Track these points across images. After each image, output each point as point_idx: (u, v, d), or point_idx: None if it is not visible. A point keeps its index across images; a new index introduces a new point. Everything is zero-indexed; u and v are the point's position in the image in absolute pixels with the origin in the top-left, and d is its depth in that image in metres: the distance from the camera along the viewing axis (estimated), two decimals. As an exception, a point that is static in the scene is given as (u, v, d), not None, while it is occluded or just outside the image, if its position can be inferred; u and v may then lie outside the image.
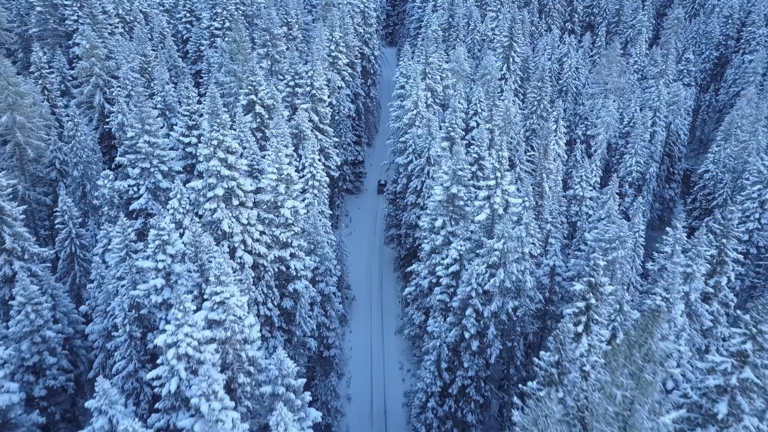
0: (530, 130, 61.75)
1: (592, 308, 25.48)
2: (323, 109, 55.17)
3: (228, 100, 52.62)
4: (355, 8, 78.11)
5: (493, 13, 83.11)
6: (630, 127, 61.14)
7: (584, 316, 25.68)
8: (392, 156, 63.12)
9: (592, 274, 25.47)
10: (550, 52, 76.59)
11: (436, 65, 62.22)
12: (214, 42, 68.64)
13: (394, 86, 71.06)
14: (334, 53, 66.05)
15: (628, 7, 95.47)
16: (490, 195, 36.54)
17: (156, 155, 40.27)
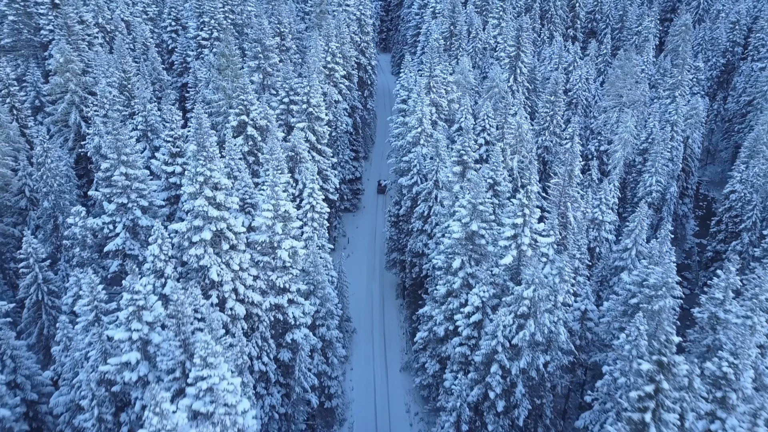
0: (542, 147, 57.02)
1: (663, 392, 20.65)
2: (321, 128, 50.11)
3: (216, 119, 47.40)
4: (351, 15, 73.06)
5: (495, 20, 78.30)
6: (648, 144, 56.59)
7: (652, 401, 20.85)
8: (394, 176, 58.16)
9: (663, 351, 20.64)
10: (557, 61, 71.98)
11: (440, 78, 57.32)
12: (201, 53, 63.30)
13: (394, 98, 66.16)
14: (330, 65, 60.97)
15: (632, 12, 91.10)
16: (516, 234, 31.70)
17: (135, 188, 34.97)
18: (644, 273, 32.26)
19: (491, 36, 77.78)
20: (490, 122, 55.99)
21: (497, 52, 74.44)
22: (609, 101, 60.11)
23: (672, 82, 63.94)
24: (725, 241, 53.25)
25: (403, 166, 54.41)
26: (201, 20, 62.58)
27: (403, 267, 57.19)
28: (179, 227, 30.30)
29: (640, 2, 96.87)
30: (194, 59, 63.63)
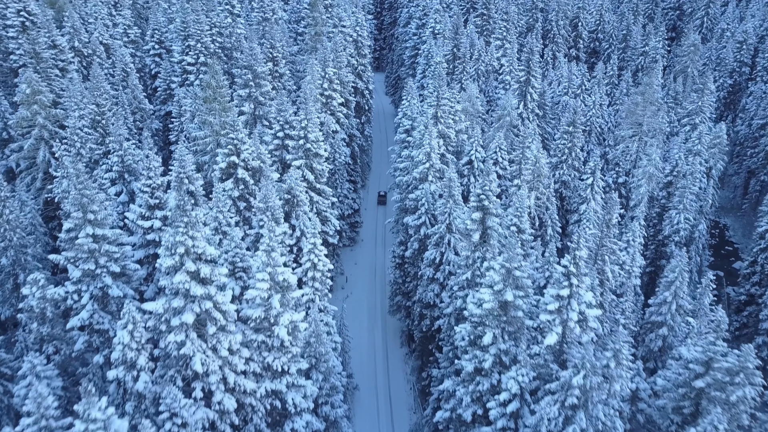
0: (560, 182, 51.77)
1: None
2: (320, 166, 44.46)
3: (202, 159, 41.61)
4: (347, 37, 67.66)
5: (499, 41, 73.42)
6: (673, 177, 51.55)
7: None
8: (399, 213, 52.58)
9: None
10: (566, 85, 67.09)
11: (447, 107, 51.97)
12: (186, 79, 57.48)
13: (392, 121, 60.70)
14: (327, 92, 55.43)
15: (636, 32, 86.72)
16: (561, 308, 26.19)
17: (104, 252, 29.03)
18: (710, 350, 26.82)
19: (494, 58, 72.81)
20: (503, 155, 50.76)
21: (502, 75, 69.56)
22: (627, 130, 55.09)
23: (691, 108, 59.11)
24: (760, 284, 48.16)
25: (410, 204, 48.84)
26: (186, 44, 56.82)
27: (408, 313, 51.47)
28: (155, 307, 24.38)
29: (643, 21, 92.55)
30: (179, 86, 57.80)
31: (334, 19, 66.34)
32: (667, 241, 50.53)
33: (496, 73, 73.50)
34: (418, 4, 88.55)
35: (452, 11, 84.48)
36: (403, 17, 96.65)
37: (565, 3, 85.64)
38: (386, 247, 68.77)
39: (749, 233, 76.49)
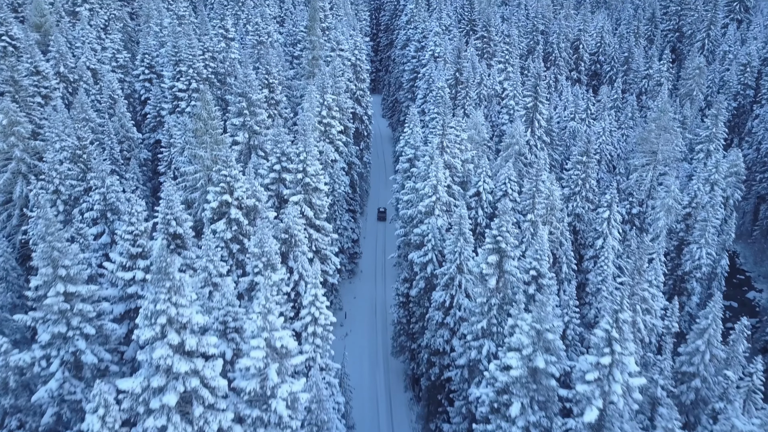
0: (573, 215, 48.37)
1: None
2: (319, 201, 40.86)
3: (192, 195, 37.95)
4: (345, 61, 64.55)
5: (501, 65, 70.53)
6: (692, 208, 48.30)
7: None
8: (403, 247, 48.97)
9: None
10: (573, 110, 64.10)
11: (453, 136, 48.66)
12: (177, 106, 53.96)
13: (392, 146, 57.34)
14: (326, 120, 52.05)
15: (638, 54, 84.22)
16: (602, 377, 22.57)
17: (77, 311, 25.19)
18: None
19: (496, 81, 69.90)
20: (512, 186, 47.39)
21: (505, 99, 66.56)
22: (641, 158, 51.94)
23: (705, 134, 56.16)
24: (789, 323, 44.71)
25: (415, 240, 45.25)
26: (177, 69, 53.38)
27: (413, 355, 47.65)
28: (131, 386, 20.52)
29: (643, 43, 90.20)
30: (169, 113, 54.29)
31: (332, 42, 63.28)
32: (687, 277, 47.14)
33: (498, 98, 70.57)
34: (416, 26, 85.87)
35: (452, 33, 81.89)
36: (401, 39, 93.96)
37: (566, 25, 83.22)
38: (386, 278, 65.13)
39: (761, 261, 73.37)
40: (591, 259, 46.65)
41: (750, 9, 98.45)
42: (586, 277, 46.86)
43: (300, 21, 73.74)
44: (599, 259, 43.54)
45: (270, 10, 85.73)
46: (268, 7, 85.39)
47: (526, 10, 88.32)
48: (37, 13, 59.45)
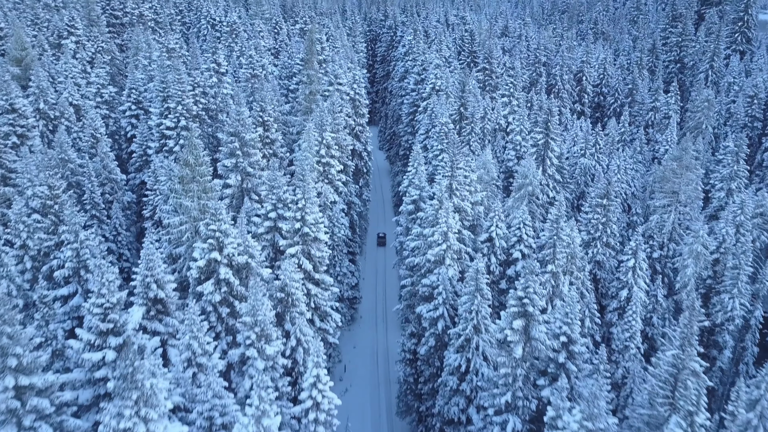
0: (593, 262, 44.35)
1: None
2: (319, 252, 36.65)
3: (177, 250, 33.62)
4: (344, 95, 61.05)
5: (505, 98, 67.30)
6: (720, 254, 44.41)
7: None
8: (409, 298, 44.70)
9: None
10: (583, 146, 60.63)
11: (462, 177, 44.79)
12: (165, 144, 49.93)
13: (400, 194, 53.33)
14: (325, 159, 48.15)
15: (643, 86, 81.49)
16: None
17: (31, 408, 20.62)
18: None
19: (501, 115, 66.55)
20: (528, 231, 43.37)
21: (511, 134, 63.11)
22: (661, 199, 48.20)
23: (726, 172, 52.68)
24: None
25: (424, 291, 41.01)
26: (165, 106, 49.49)
27: (421, 417, 43.02)
28: None
29: (646, 75, 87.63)
30: (156, 152, 50.25)
31: (330, 76, 59.82)
32: (718, 329, 43.00)
33: (503, 132, 67.17)
34: (415, 58, 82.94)
35: (452, 66, 78.94)
36: (399, 71, 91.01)
37: (569, 57, 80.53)
38: (388, 322, 60.77)
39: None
40: (615, 311, 42.51)
41: (751, 40, 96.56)
42: (610, 330, 42.68)
43: (296, 53, 70.54)
44: (626, 313, 39.43)
45: (264, 42, 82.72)
46: (262, 39, 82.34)
47: (527, 42, 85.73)
48: (18, 47, 55.71)
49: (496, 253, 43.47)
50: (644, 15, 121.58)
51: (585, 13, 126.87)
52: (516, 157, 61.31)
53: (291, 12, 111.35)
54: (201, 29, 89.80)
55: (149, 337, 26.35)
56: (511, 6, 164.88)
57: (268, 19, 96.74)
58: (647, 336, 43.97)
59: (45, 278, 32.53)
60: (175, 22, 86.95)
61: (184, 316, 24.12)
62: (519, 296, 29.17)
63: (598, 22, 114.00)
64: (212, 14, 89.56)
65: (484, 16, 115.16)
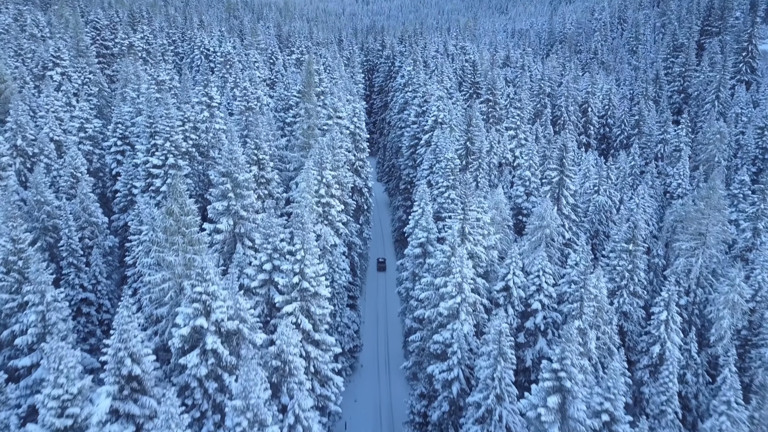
0: (620, 313, 40.26)
1: None
2: (320, 309, 32.39)
3: (159, 311, 29.30)
4: (343, 129, 57.48)
5: (512, 131, 64.01)
6: (756, 303, 40.45)
7: None
8: (418, 355, 40.34)
9: None
10: (596, 181, 57.07)
11: (474, 218, 40.87)
12: (151, 184, 45.90)
13: (408, 239, 49.17)
14: (325, 199, 44.22)
15: (650, 118, 78.62)
16: None
17: None
18: None
19: (508, 149, 63.18)
20: (547, 279, 39.36)
21: (519, 170, 59.56)
22: (687, 241, 44.41)
23: (753, 210, 49.09)
24: None
25: (435, 349, 36.69)
26: (152, 142, 45.61)
27: (434, 488, 38.21)
28: None
29: (651, 106, 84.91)
30: (141, 192, 46.18)
31: (329, 109, 56.28)
32: (760, 390, 38.72)
33: (510, 167, 63.72)
34: (415, 90, 79.93)
35: (454, 97, 75.84)
36: (398, 102, 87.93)
37: (574, 88, 77.70)
38: (390, 367, 56.23)
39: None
40: (646, 369, 38.31)
41: (756, 70, 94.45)
42: (640, 390, 38.40)
43: (292, 84, 67.17)
44: (660, 373, 35.28)
45: (260, 72, 79.50)
46: (257, 69, 79.15)
47: (530, 72, 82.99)
48: (-3, 79, 52.01)
49: (514, 303, 39.39)
50: (643, 45, 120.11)
51: (583, 43, 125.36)
52: (525, 194, 57.67)
53: (287, 42, 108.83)
54: (194, 59, 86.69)
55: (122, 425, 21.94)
56: (507, 36, 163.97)
57: (264, 50, 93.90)
58: (680, 394, 39.69)
59: (6, 345, 28.12)
60: (167, 53, 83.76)
61: (160, 407, 19.72)
62: (554, 368, 24.99)
63: (597, 52, 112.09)
64: (206, 44, 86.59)
65: (485, 46, 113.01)
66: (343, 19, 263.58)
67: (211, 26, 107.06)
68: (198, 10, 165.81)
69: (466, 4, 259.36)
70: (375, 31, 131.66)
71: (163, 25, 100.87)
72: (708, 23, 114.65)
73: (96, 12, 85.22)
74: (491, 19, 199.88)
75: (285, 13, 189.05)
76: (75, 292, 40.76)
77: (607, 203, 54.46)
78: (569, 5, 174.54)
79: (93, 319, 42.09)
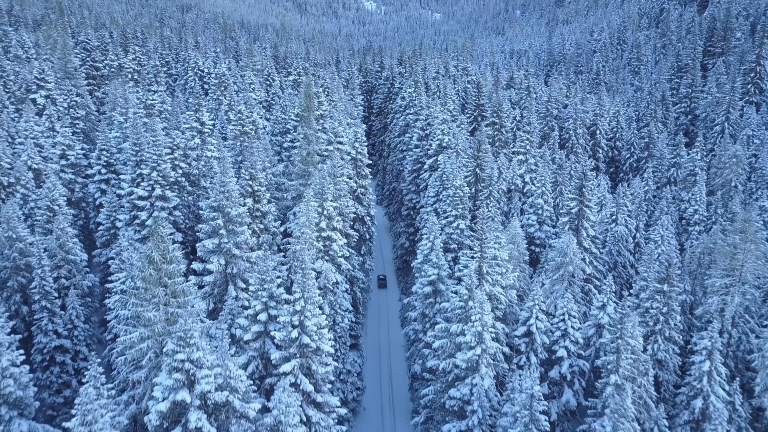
0: (654, 360, 35.99)
1: None
2: (322, 368, 28.04)
3: (136, 375, 24.89)
4: (344, 155, 53.56)
5: (521, 155, 60.29)
6: (802, 348, 36.31)
7: None
8: (431, 410, 35.87)
9: None
10: (613, 210, 53.12)
11: (491, 255, 36.73)
12: (136, 217, 41.71)
13: (416, 275, 44.90)
14: (326, 233, 40.09)
15: (661, 141, 75.20)
16: None
17: None
18: None
19: (517, 175, 59.36)
20: (573, 323, 35.19)
21: (531, 197, 55.75)
22: (721, 278, 40.37)
23: (786, 243, 45.14)
24: None
25: (452, 405, 32.32)
26: (138, 172, 41.49)
27: None
28: None
29: (660, 128, 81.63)
30: (126, 225, 41.97)
31: (329, 134, 52.40)
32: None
33: (520, 193, 59.86)
34: (417, 112, 76.37)
35: (458, 120, 72.25)
36: (399, 125, 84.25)
37: (582, 110, 74.32)
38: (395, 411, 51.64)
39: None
40: (686, 425, 33.95)
41: (764, 91, 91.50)
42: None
43: (290, 107, 63.40)
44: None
45: (256, 94, 75.85)
46: (253, 91, 75.48)
47: (536, 94, 79.67)
48: (-27, 103, 47.95)
49: (536, 350, 35.15)
50: (644, 65, 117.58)
51: (584, 64, 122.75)
52: (537, 222, 53.84)
53: (284, 63, 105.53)
54: (188, 81, 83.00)
55: None
56: (505, 57, 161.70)
57: (260, 71, 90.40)
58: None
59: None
60: (160, 74, 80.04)
61: None
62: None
63: (600, 73, 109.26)
64: (200, 66, 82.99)
65: (486, 67, 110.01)
66: (340, 40, 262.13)
67: (206, 47, 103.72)
68: (194, 31, 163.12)
69: (462, 25, 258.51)
70: (373, 51, 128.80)
71: (157, 45, 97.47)
72: (710, 44, 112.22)
73: (87, 33, 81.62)
74: (488, 40, 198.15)
75: (282, 34, 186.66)
76: (48, 339, 36.37)
77: (628, 234, 50.51)
78: (566, 26, 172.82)
79: (68, 368, 37.66)
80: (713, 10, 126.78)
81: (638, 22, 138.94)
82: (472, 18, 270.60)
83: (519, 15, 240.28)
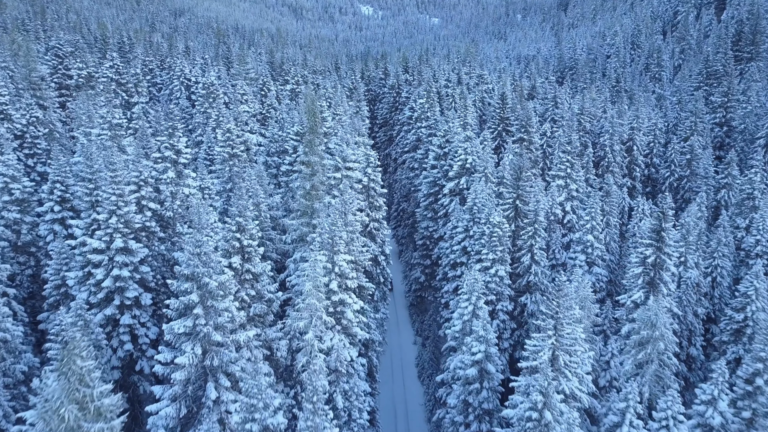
0: None
1: None
2: None
3: None
4: (355, 183, 43.37)
5: (561, 180, 50.30)
6: None
7: None
8: None
9: None
10: (683, 249, 43.11)
11: (569, 339, 26.54)
12: (90, 275, 31.34)
13: (449, 359, 34.66)
14: (338, 296, 29.89)
15: (706, 158, 65.36)
16: None
17: None
18: None
19: (557, 203, 49.40)
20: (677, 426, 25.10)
21: (576, 232, 45.90)
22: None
23: None
24: None
25: None
26: (92, 216, 31.13)
27: None
28: None
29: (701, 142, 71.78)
30: (78, 283, 31.63)
31: (336, 158, 42.16)
32: None
33: (560, 225, 49.87)
34: (431, 126, 66.38)
35: (481, 136, 62.13)
36: (409, 139, 74.21)
37: (618, 123, 64.45)
38: None
39: None
40: None
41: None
42: None
43: (288, 124, 53.23)
44: None
45: (248, 106, 65.55)
46: (246, 103, 65.19)
47: (567, 105, 69.78)
48: None
49: (632, 470, 25.06)
50: (665, 71, 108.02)
51: (598, 70, 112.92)
52: (587, 263, 43.93)
53: (280, 71, 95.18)
54: (173, 91, 72.59)
55: None
56: (511, 63, 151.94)
57: (254, 80, 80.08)
58: None
59: None
60: (141, 83, 69.61)
61: None
62: None
63: (620, 80, 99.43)
64: (186, 74, 72.64)
65: (502, 74, 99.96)
66: (337, 45, 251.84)
67: (194, 53, 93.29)
68: (186, 36, 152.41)
69: (461, 29, 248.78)
70: (374, 57, 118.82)
71: (144, 52, 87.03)
72: (737, 49, 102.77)
73: (58, 36, 71.15)
74: (491, 45, 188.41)
75: (278, 39, 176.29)
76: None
77: (701, 281, 40.62)
78: (573, 30, 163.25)
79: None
80: (733, 12, 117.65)
81: (652, 26, 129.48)
82: (472, 23, 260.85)
83: (520, 19, 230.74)
